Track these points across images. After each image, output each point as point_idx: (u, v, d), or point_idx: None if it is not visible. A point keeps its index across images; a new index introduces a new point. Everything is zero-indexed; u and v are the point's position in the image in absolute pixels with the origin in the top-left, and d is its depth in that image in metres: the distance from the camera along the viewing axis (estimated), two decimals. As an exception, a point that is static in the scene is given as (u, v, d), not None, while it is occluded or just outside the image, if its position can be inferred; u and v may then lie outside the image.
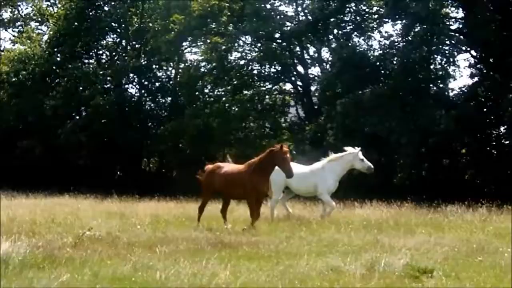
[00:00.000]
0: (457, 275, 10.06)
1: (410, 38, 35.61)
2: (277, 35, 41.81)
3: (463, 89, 36.04)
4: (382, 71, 36.81)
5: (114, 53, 48.50)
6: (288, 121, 43.02)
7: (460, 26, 36.98)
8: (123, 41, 48.54)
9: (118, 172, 46.52)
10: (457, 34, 36.59)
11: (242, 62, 43.14)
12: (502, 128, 35.13)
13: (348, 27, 40.49)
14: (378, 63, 36.89)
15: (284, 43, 41.83)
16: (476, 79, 35.69)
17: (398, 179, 36.56)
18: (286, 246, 13.53)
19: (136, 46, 47.68)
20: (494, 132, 35.61)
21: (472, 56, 36.75)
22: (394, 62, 36.04)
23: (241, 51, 43.60)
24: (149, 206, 25.94)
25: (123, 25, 47.42)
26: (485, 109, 34.59)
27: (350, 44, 38.83)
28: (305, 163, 23.33)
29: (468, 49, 36.63)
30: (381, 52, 37.66)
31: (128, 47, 48.08)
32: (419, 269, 10.13)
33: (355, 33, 40.36)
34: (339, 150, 22.99)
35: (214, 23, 42.04)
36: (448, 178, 33.68)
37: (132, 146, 43.34)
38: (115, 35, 48.73)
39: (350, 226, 17.10)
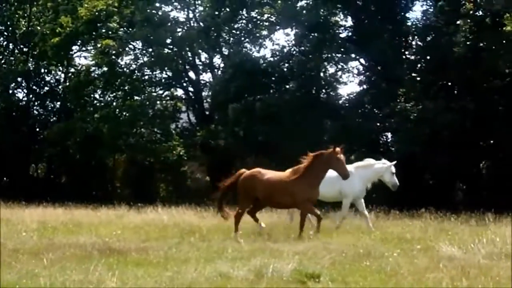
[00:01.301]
0: (343, 280, 10.18)
1: (302, 47, 36.05)
2: (168, 41, 41.60)
3: (351, 96, 36.72)
4: (274, 78, 37.10)
5: (1, 57, 47.16)
6: (179, 126, 42.86)
7: (350, 34, 37.66)
8: (10, 44, 47.34)
9: (5, 178, 45.27)
10: (347, 43, 37.22)
11: (133, 67, 42.68)
12: (389, 135, 35.93)
13: (240, 34, 40.72)
14: (270, 70, 37.15)
15: (176, 49, 41.65)
16: (364, 86, 36.42)
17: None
18: (176, 252, 13.42)
19: (24, 49, 46.54)
20: (381, 139, 36.39)
21: (361, 64, 37.49)
22: (286, 70, 36.40)
23: (132, 56, 43.16)
24: (36, 212, 25.31)
25: (10, 28, 46.25)
26: (372, 116, 35.30)
27: (242, 51, 39.01)
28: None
29: (357, 57, 37.34)
30: (272, 59, 37.93)
31: (16, 51, 46.88)
32: (306, 274, 10.20)
33: (247, 40, 40.61)
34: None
35: (103, 28, 41.55)
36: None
37: (20, 151, 42.32)
38: (1, 38, 47.44)
39: (240, 232, 17.10)
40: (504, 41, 32.23)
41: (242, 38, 40.90)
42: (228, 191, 18.60)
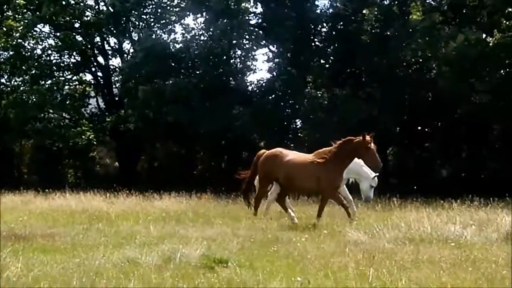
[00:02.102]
0: (251, 265, 10.23)
1: (211, 32, 36.00)
2: (76, 25, 40.94)
3: (262, 82, 36.92)
4: (184, 64, 36.98)
5: None
6: (89, 112, 42.29)
7: (260, 21, 37.78)
8: None
9: None
10: (256, 29, 37.31)
11: (39, 51, 41.83)
12: (298, 122, 36.26)
13: (150, 19, 40.37)
14: (180, 55, 37.01)
15: (84, 33, 41.01)
16: (274, 73, 36.62)
17: (198, 170, 36.95)
18: (83, 238, 13.25)
19: None
20: (291, 125, 36.71)
21: (271, 50, 37.68)
22: (195, 55, 36.31)
23: (38, 39, 42.11)
24: None
25: None
26: (282, 103, 35.57)
27: (152, 36, 38.72)
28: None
29: (267, 44, 37.48)
30: (182, 44, 37.79)
31: None
32: (214, 259, 10.22)
33: (157, 25, 40.29)
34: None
35: (9, 10, 40.56)
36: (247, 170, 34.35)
37: None
38: None
39: (148, 218, 17.01)
40: (410, 30, 32.90)
41: (152, 23, 40.55)
42: (252, 180, 18.11)
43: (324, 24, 36.43)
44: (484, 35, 32.40)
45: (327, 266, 10.01)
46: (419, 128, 34.99)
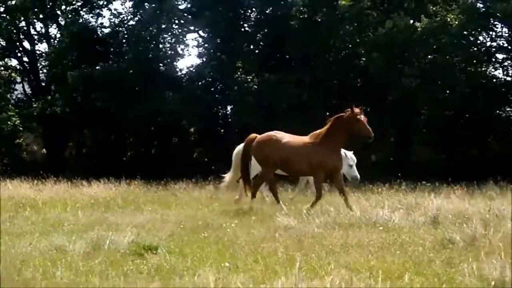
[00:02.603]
0: (181, 251, 10.19)
1: (140, 16, 35.67)
2: (1, 9, 40.07)
3: (191, 69, 36.72)
4: (112, 49, 36.59)
5: None
6: (15, 98, 41.42)
7: (189, 6, 37.51)
8: None
9: None
10: (185, 14, 37.03)
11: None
12: (229, 108, 36.23)
13: (77, 3, 39.70)
14: (108, 40, 36.59)
15: (9, 17, 40.11)
16: (204, 59, 36.49)
17: (128, 157, 36.67)
18: (9, 226, 13.01)
19: None
20: (221, 111, 36.67)
21: (200, 36, 37.47)
22: (125, 40, 35.96)
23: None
24: None
25: None
26: (212, 89, 35.50)
27: (79, 21, 38.11)
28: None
29: (197, 29, 37.27)
30: (110, 29, 37.35)
31: None
32: (144, 246, 10.15)
33: (84, 9, 39.64)
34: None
35: None
36: (177, 156, 34.27)
37: None
38: None
39: (77, 205, 16.81)
40: (339, 16, 33.15)
41: (79, 8, 39.88)
42: (246, 163, 17.49)
43: (254, 9, 36.38)
44: (412, 21, 32.87)
45: (256, 251, 10.03)
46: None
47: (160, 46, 36.07)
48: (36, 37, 41.27)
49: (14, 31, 40.36)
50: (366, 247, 10.31)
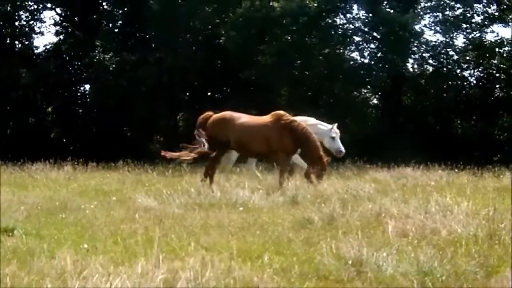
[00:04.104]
0: (38, 233, 9.95)
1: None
2: None
3: (48, 47, 35.86)
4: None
5: None
6: None
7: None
8: None
9: None
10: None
11: None
12: (87, 86, 35.65)
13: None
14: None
15: None
16: (61, 37, 35.73)
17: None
18: None
19: None
20: (79, 90, 36.04)
21: (57, 13, 36.60)
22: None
23: None
24: None
25: None
26: (69, 67, 34.81)
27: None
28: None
29: (53, 6, 36.39)
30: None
31: None
32: (-1, 228, 9.89)
33: None
34: None
35: None
36: (34, 136, 33.41)
37: None
38: None
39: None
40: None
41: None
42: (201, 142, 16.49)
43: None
44: (269, 1, 33.19)
45: (116, 232, 9.93)
46: (209, 94, 35.35)
47: (16, 23, 35.04)
48: None
49: None
50: (226, 228, 10.37)
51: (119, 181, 18.45)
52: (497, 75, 33.80)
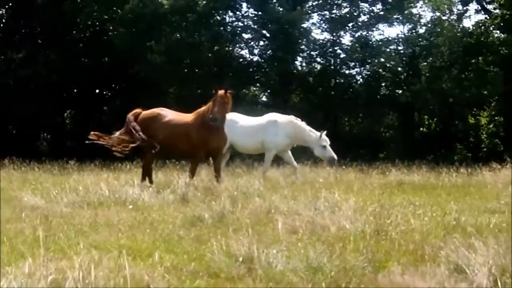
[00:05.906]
0: None
1: None
2: None
3: None
4: None
5: None
6: None
7: None
8: None
9: None
10: None
11: None
12: None
13: None
14: None
15: None
16: None
17: None
18: None
19: None
20: None
21: None
22: None
23: None
24: None
25: None
26: None
27: None
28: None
29: None
30: None
31: None
32: None
33: None
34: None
35: None
36: None
37: None
38: None
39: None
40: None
41: None
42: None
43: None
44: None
45: (2, 232, 9.67)
46: (97, 91, 34.91)
47: None
48: None
49: None
50: (115, 226, 10.24)
51: (5, 179, 17.99)
52: (383, 73, 34.59)
